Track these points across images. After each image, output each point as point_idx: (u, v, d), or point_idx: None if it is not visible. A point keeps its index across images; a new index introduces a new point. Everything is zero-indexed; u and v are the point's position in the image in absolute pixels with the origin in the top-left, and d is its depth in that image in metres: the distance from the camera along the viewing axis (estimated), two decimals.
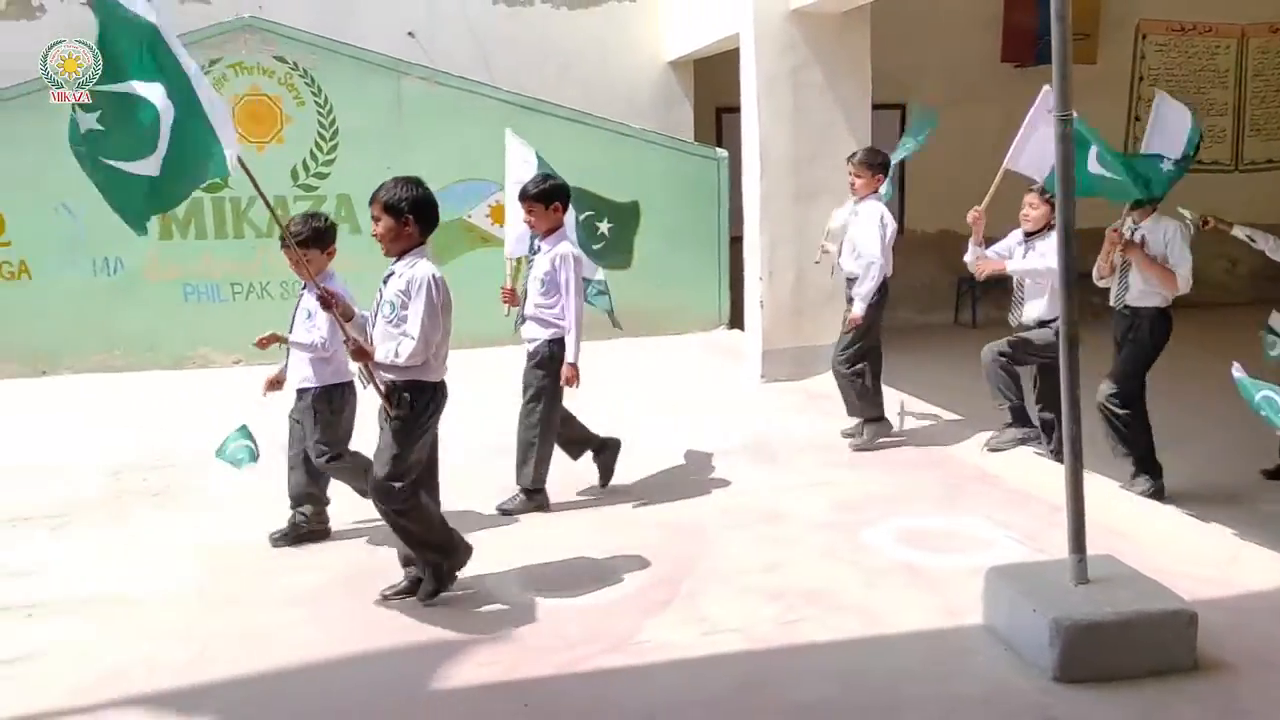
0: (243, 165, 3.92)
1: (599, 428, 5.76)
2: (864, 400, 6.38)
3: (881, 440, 6.37)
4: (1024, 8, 10.82)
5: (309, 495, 4.97)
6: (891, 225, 6.19)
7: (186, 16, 9.56)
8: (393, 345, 4.05)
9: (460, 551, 4.34)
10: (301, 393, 4.87)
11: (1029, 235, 5.94)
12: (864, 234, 6.20)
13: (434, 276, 4.04)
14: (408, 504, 4.11)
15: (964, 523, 5.08)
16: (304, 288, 4.77)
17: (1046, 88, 5.35)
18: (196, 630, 4.07)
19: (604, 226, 10.01)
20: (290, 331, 4.84)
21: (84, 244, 8.79)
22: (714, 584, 4.43)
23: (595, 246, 9.98)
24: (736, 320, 9.94)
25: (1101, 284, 5.77)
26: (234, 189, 9.11)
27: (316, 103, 9.25)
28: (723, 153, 10.18)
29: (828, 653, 3.82)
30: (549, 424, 5.36)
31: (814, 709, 3.44)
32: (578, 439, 5.66)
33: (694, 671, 3.72)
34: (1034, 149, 5.39)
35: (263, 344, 4.71)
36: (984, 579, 3.97)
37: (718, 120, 11.61)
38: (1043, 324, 5.86)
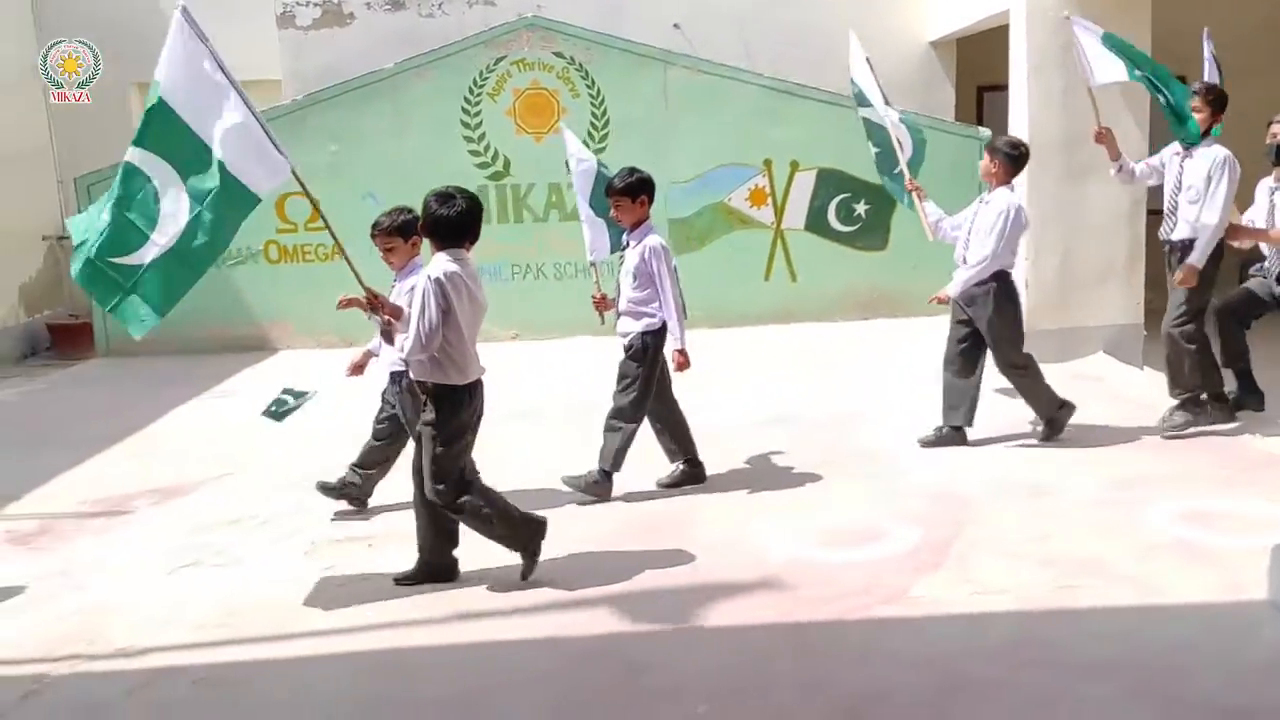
0: (295, 176, 4.42)
1: (857, 405, 5.91)
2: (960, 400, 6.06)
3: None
4: None
5: (373, 463, 5.37)
6: (1019, 219, 5.79)
7: (473, 18, 10.42)
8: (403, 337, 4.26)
9: (529, 531, 4.43)
10: (395, 375, 5.11)
11: None
12: (990, 225, 5.80)
13: (430, 278, 4.13)
14: (456, 504, 4.28)
15: (1247, 504, 4.94)
16: (395, 279, 5.08)
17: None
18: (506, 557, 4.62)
19: (860, 208, 10.22)
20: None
21: None
22: (984, 550, 4.56)
23: (851, 228, 10.19)
24: None
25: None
26: (514, 177, 9.86)
27: (590, 94, 9.85)
28: (985, 132, 10.03)
29: (1104, 618, 3.90)
30: (639, 409, 5.35)
31: (1093, 668, 3.54)
32: (680, 443, 5.57)
33: (967, 626, 3.90)
34: (1093, 58, 6.17)
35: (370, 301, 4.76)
36: (1270, 554, 3.92)
37: (979, 99, 11.45)
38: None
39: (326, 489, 5.35)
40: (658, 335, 5.34)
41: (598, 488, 5.37)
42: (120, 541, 5.12)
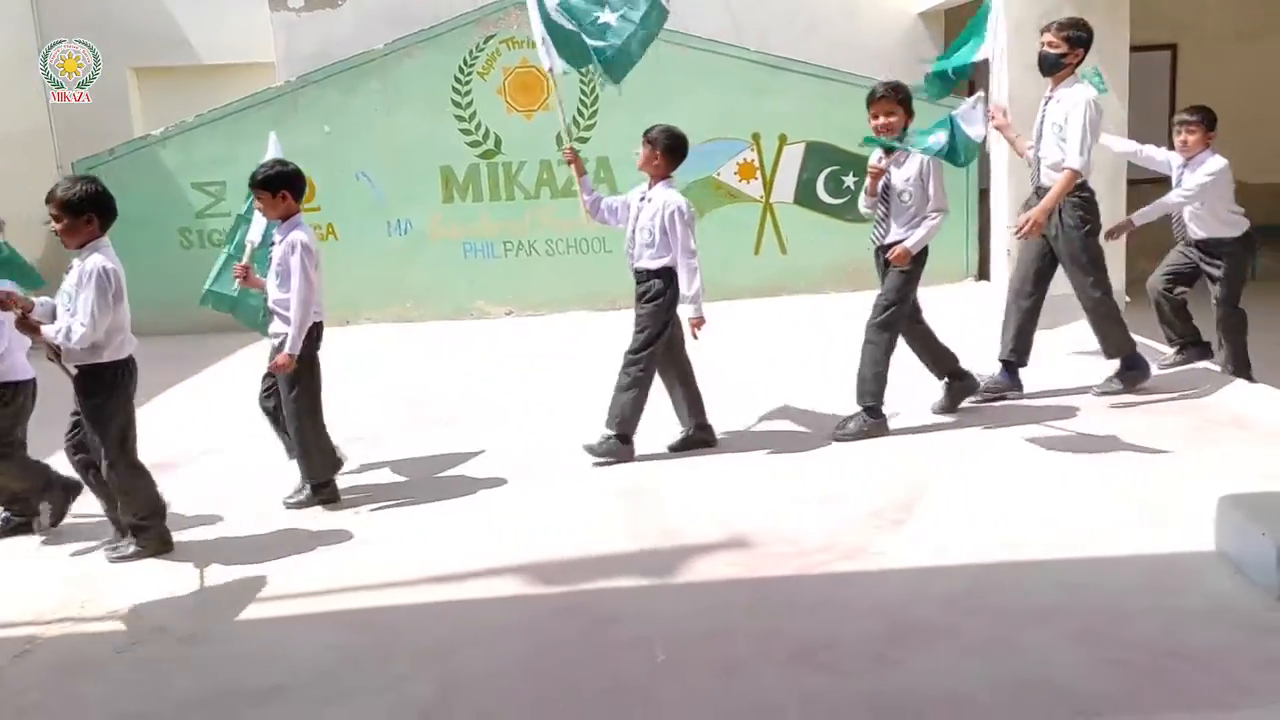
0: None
1: (839, 376, 5.99)
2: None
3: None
4: None
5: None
6: (693, 219, 5.49)
7: None
8: (64, 325, 4.33)
9: (160, 530, 4.68)
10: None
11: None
12: (670, 228, 5.43)
13: (104, 268, 4.29)
14: (126, 474, 4.60)
15: (1208, 462, 5.05)
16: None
17: None
18: (517, 516, 4.84)
19: (850, 181, 10.29)
20: None
21: (380, 208, 9.92)
22: (944, 509, 4.70)
23: (840, 201, 10.28)
24: (985, 273, 9.90)
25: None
26: (506, 155, 9.98)
27: (579, 71, 9.91)
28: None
29: (1054, 569, 4.03)
30: (313, 414, 5.17)
31: (1040, 613, 3.69)
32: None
33: (922, 578, 4.04)
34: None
35: None
36: (1216, 506, 4.04)
37: None
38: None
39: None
40: (314, 331, 5.12)
41: (323, 494, 5.20)
42: None
